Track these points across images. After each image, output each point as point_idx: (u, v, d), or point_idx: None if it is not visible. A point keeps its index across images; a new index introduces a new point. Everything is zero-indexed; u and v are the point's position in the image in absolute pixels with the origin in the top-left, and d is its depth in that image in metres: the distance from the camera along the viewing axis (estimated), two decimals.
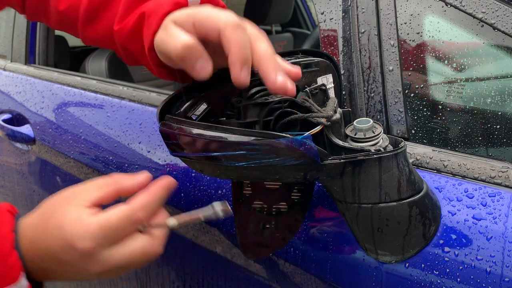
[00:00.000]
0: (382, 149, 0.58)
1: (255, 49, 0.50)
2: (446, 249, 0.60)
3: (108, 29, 0.64)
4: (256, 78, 0.58)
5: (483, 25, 0.67)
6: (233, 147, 0.52)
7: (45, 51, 1.66)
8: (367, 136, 0.59)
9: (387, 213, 0.58)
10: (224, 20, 0.49)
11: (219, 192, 0.84)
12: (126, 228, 0.50)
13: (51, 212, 0.52)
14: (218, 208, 0.54)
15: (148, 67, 0.65)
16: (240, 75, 0.49)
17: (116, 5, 0.63)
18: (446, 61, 0.72)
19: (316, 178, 0.59)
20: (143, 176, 0.56)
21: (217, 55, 0.55)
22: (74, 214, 0.50)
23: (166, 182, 0.55)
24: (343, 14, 0.78)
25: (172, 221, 0.55)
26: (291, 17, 2.74)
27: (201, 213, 0.54)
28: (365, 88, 0.75)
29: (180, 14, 0.54)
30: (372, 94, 0.74)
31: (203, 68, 0.50)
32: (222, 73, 0.58)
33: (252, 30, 0.52)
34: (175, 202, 0.92)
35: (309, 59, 0.62)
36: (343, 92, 0.76)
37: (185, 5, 0.57)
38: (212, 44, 0.52)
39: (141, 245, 0.51)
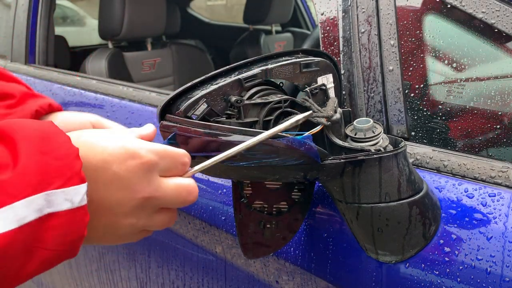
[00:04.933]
0: (382, 149, 0.58)
1: None
2: (446, 249, 0.60)
3: None
4: (255, 78, 0.58)
5: (483, 25, 0.67)
6: (233, 147, 0.52)
7: (45, 51, 1.66)
8: (367, 136, 0.59)
9: (387, 213, 0.58)
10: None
11: (219, 192, 0.85)
12: (177, 165, 0.50)
13: (99, 133, 0.48)
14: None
15: None
16: None
17: None
18: (446, 61, 0.72)
19: (316, 178, 0.59)
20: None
21: None
22: (133, 137, 0.49)
23: None
24: (343, 14, 0.78)
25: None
26: (291, 17, 2.74)
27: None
28: (365, 88, 0.75)
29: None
30: (372, 94, 0.74)
31: None
32: (221, 73, 0.58)
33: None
34: None
35: (309, 59, 0.62)
36: (343, 92, 0.76)
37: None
38: None
39: (187, 182, 0.50)
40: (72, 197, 0.41)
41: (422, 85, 0.72)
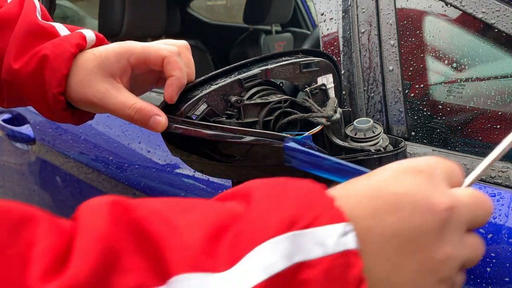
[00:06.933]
0: (382, 149, 0.58)
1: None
2: None
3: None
4: (255, 78, 0.58)
5: (483, 25, 0.67)
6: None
7: None
8: (367, 136, 0.59)
9: None
10: (167, 50, 0.56)
11: (219, 192, 0.84)
12: (477, 212, 0.37)
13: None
14: None
15: (41, 111, 0.61)
16: (174, 96, 0.56)
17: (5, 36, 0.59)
18: (446, 61, 0.72)
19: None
20: None
21: (137, 85, 0.62)
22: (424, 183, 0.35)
23: None
24: (343, 14, 0.78)
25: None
26: (291, 17, 2.74)
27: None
28: (365, 88, 0.75)
29: (105, 55, 0.56)
30: (372, 94, 0.74)
31: (159, 124, 0.54)
32: (221, 73, 0.58)
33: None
34: None
35: (309, 59, 0.62)
36: (343, 92, 0.76)
37: (84, 46, 0.58)
38: (136, 75, 0.59)
39: (478, 237, 0.36)
40: (324, 239, 0.30)
41: (422, 85, 0.72)
